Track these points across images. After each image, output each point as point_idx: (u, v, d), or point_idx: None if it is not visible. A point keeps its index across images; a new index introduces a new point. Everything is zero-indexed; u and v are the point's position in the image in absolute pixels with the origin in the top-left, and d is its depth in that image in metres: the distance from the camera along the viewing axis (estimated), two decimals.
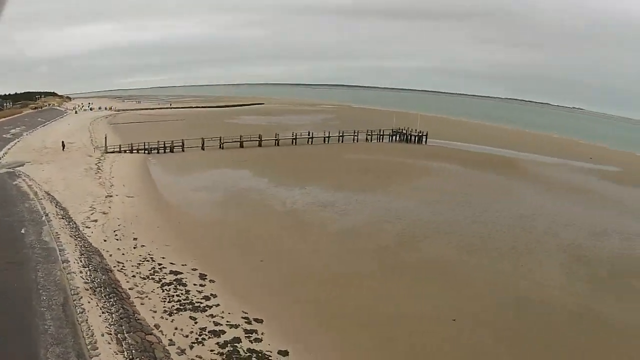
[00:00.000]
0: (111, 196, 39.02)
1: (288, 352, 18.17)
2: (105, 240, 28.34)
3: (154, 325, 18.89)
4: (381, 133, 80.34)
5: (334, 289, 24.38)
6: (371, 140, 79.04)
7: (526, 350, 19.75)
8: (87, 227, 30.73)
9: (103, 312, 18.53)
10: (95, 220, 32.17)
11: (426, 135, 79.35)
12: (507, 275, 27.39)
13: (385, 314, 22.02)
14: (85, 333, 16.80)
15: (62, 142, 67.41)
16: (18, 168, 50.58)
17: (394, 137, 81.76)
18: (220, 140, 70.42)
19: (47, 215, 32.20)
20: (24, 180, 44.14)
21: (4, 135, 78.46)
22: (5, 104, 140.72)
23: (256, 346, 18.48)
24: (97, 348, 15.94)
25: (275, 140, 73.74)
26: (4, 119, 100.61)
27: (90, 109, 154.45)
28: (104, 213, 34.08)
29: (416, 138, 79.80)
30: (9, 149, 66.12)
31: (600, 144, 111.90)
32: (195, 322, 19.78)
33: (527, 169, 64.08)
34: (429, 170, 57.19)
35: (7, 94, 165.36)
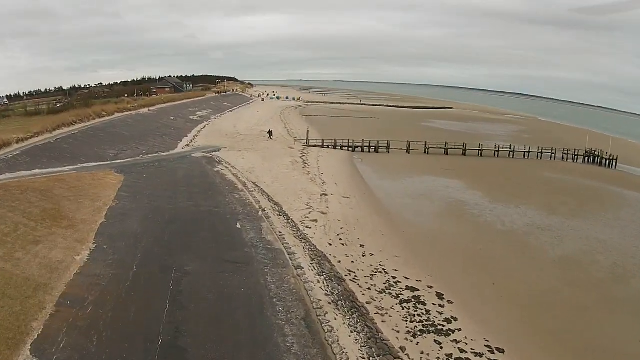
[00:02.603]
0: (326, 195, 38.96)
1: None
2: (330, 244, 27.84)
3: (400, 348, 17.70)
4: (576, 153, 74.98)
5: (568, 322, 22.32)
6: (566, 160, 72.63)
7: None
8: (307, 227, 30.26)
9: (352, 332, 17.76)
10: (315, 220, 31.74)
11: (616, 160, 70.38)
12: None
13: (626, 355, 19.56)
14: (339, 357, 16.00)
15: (270, 130, 70.33)
16: (214, 153, 53.41)
17: (586, 159, 75.90)
18: (425, 145, 69.38)
19: (263, 210, 32.31)
20: (225, 167, 45.91)
21: (191, 117, 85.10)
22: (185, 86, 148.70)
23: None
24: None
25: (479, 150, 70.58)
26: (187, 101, 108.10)
27: (277, 98, 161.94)
28: (323, 213, 33.73)
29: (607, 162, 72.12)
30: (198, 131, 71.88)
31: None
32: (441, 348, 18.24)
33: None
34: (627, 200, 49.64)
35: (182, 75, 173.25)
